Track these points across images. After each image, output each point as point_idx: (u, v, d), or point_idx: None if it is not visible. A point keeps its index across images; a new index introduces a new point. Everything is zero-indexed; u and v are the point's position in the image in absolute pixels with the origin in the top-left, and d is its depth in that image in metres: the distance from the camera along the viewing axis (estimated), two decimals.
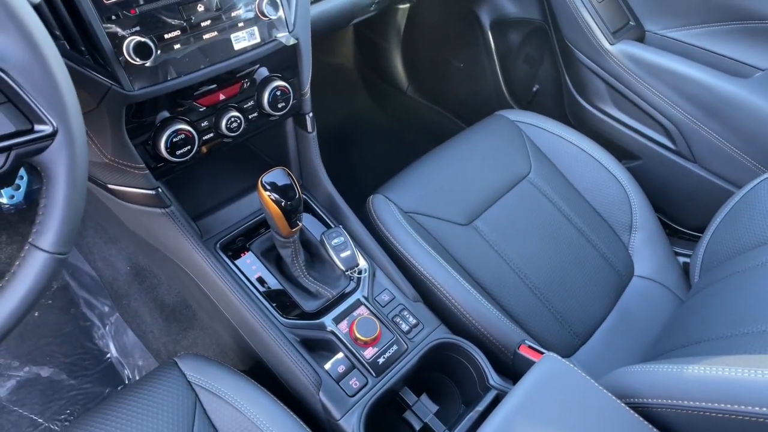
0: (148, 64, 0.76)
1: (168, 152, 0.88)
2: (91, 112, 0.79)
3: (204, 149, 0.95)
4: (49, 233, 0.57)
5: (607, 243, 1.31)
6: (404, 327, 1.02)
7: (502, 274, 1.18)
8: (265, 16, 0.87)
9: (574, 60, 1.52)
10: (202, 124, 0.92)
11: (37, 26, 0.52)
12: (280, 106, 1.00)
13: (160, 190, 0.92)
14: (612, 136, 1.55)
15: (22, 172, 1.49)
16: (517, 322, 1.11)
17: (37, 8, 0.68)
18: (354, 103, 2.19)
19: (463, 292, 1.05)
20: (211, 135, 0.94)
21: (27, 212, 1.60)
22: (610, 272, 1.27)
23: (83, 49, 0.73)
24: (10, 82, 0.52)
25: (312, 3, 1.05)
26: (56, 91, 0.54)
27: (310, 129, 1.11)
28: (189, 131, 0.89)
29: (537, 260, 1.22)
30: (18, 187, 1.49)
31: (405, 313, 1.04)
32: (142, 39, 0.75)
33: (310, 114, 1.09)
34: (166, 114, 0.87)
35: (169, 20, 0.79)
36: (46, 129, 0.54)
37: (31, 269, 0.57)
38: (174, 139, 0.88)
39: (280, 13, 0.90)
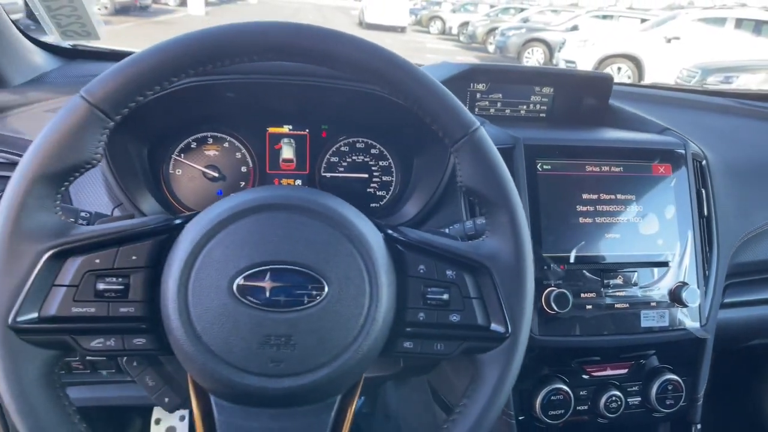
0: (561, 313, 0.77)
1: (541, 409, 0.82)
2: None
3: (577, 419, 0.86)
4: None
5: None
6: None
7: None
8: (681, 304, 0.82)
9: None
10: (580, 393, 0.85)
11: (528, 237, 0.58)
12: (668, 402, 0.86)
13: None
14: None
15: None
16: None
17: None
18: None
19: None
20: (585, 408, 0.85)
21: None
22: None
23: None
24: (491, 281, 0.56)
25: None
26: (522, 297, 0.56)
27: None
28: (568, 393, 0.82)
29: None
30: None
31: None
32: (564, 291, 0.78)
33: (698, 425, 0.91)
34: (547, 370, 0.84)
35: (589, 281, 0.81)
36: (500, 330, 0.56)
37: None
38: (552, 398, 0.82)
39: (697, 303, 0.84)
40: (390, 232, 0.57)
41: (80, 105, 0.49)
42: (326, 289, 0.50)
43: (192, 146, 0.89)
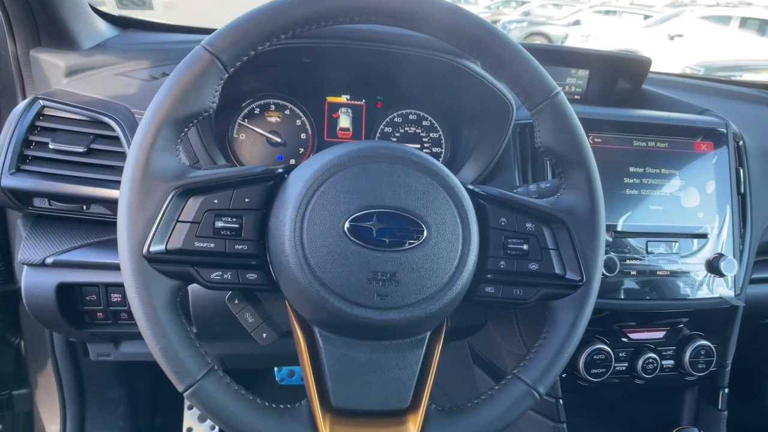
0: (609, 277, 0.83)
1: (584, 367, 0.87)
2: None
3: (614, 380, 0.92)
4: (535, 369, 0.59)
5: None
6: None
7: None
8: (718, 273, 0.88)
9: None
10: (620, 354, 0.90)
11: (602, 195, 0.62)
12: (700, 366, 0.92)
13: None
14: None
15: None
16: None
17: None
18: None
19: None
20: (624, 368, 0.91)
21: None
22: None
23: None
24: (567, 233, 0.61)
25: None
26: (596, 249, 0.61)
27: (721, 406, 0.97)
28: (609, 354, 0.88)
29: None
30: None
31: None
32: (612, 256, 0.82)
33: (726, 389, 0.97)
34: (589, 332, 0.89)
35: (634, 249, 0.86)
36: (575, 278, 0.61)
37: (509, 396, 0.58)
38: (594, 357, 0.87)
39: (734, 273, 0.89)
40: (471, 187, 0.62)
41: (203, 55, 0.53)
42: (425, 232, 0.54)
43: (255, 112, 0.93)
